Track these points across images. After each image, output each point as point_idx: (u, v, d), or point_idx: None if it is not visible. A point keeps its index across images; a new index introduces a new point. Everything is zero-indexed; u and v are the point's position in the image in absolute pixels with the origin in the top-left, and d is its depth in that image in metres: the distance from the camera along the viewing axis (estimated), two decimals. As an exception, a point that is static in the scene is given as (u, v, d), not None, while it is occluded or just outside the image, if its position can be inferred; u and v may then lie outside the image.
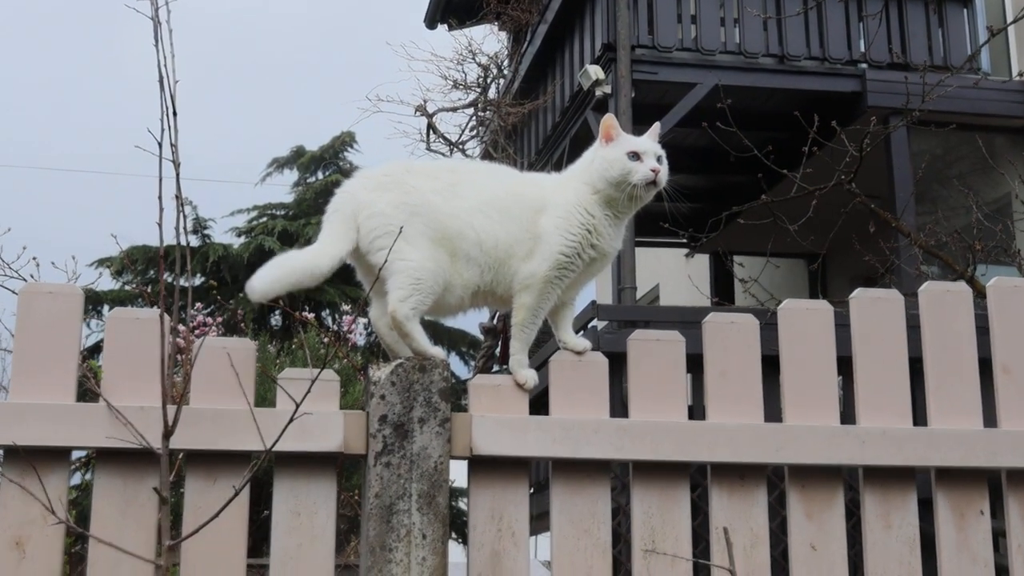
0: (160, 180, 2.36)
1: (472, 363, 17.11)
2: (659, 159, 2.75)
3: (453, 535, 11.71)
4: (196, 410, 2.45)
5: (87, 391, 2.59)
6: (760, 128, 8.83)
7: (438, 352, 2.59)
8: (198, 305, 11.95)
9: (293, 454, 2.47)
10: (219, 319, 11.95)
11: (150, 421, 2.39)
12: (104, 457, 2.45)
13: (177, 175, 2.38)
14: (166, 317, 2.45)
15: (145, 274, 16.76)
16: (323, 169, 19.87)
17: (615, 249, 2.79)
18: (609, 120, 2.76)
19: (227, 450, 2.45)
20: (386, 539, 2.40)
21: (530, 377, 2.64)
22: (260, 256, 17.30)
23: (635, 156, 2.71)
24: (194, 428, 2.42)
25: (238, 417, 2.44)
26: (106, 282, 17.47)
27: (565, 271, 2.69)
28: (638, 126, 8.64)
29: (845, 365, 2.76)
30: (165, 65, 2.32)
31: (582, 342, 2.70)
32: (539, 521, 5.19)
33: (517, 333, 2.69)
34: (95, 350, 14.00)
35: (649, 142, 2.77)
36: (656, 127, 2.84)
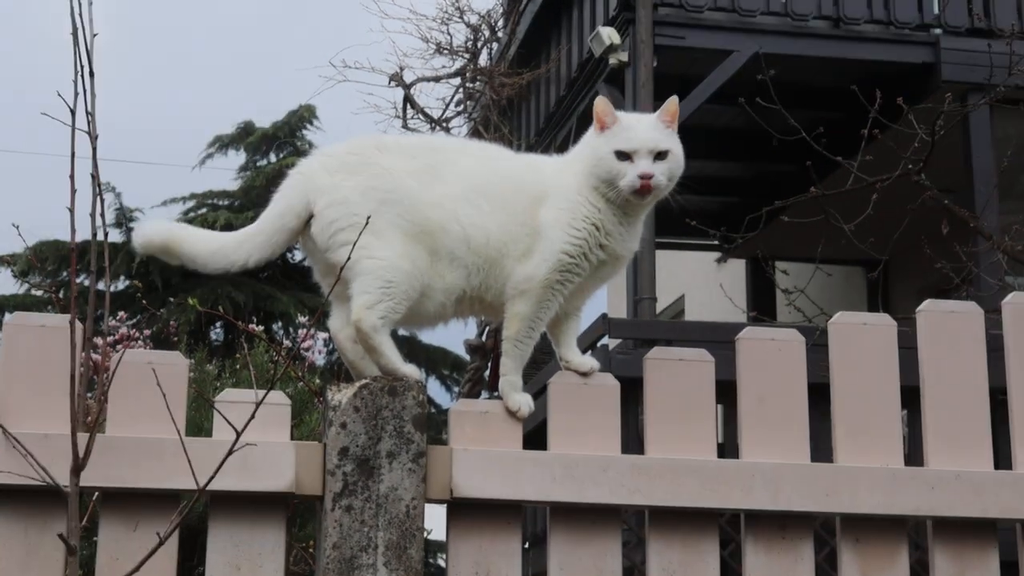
0: (72, 156, 2.36)
1: (455, 389, 17.12)
2: (662, 155, 2.70)
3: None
4: (114, 439, 2.44)
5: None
6: (809, 106, 8.85)
7: (412, 371, 2.58)
8: (121, 314, 11.93)
9: (233, 494, 2.45)
10: (147, 332, 11.93)
11: (56, 452, 2.37)
12: (0, 496, 2.42)
13: (94, 149, 2.37)
14: (78, 325, 2.43)
15: (56, 275, 16.73)
16: (276, 150, 19.85)
17: (629, 251, 2.78)
18: (601, 105, 2.74)
19: (151, 488, 2.43)
20: (345, 600, 2.39)
21: (524, 403, 2.62)
22: (198, 256, 17.32)
23: (623, 156, 2.68)
24: (111, 461, 2.41)
25: (165, 448, 2.42)
26: (8, 284, 17.46)
27: (569, 274, 2.68)
28: (660, 102, 8.65)
29: (910, 396, 2.75)
30: (80, 13, 2.31)
31: (589, 362, 2.69)
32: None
33: (510, 349, 2.68)
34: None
35: (648, 132, 2.71)
36: (670, 106, 2.77)
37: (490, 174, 2.72)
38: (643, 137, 2.69)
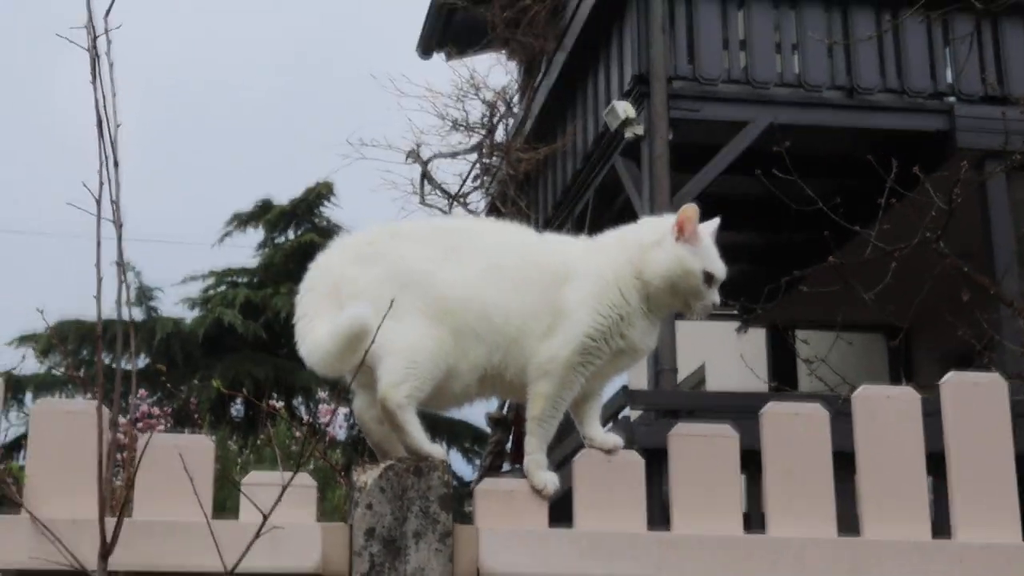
0: (98, 244, 2.38)
1: (477, 461, 17.07)
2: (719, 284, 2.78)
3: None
4: (141, 523, 2.45)
5: (5, 499, 2.59)
6: (826, 175, 8.87)
7: (437, 450, 2.58)
8: (142, 392, 11.98)
9: (261, 575, 2.45)
10: (168, 409, 11.96)
11: (84, 536, 2.38)
12: (29, 581, 2.43)
13: (119, 237, 2.40)
14: (104, 409, 2.45)
15: (77, 354, 16.81)
16: (295, 227, 19.97)
17: (648, 347, 2.81)
18: (691, 212, 2.75)
19: (179, 571, 2.44)
20: None
21: (550, 481, 2.63)
22: (218, 332, 17.38)
23: (709, 279, 2.74)
24: (139, 544, 2.42)
25: (193, 531, 2.43)
26: (30, 365, 17.51)
27: (590, 356, 2.69)
28: (677, 173, 8.72)
29: (934, 463, 2.75)
30: (104, 106, 2.34)
31: (612, 438, 2.69)
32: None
33: (534, 428, 2.69)
34: (15, 447, 14.00)
35: (719, 257, 2.78)
36: (716, 223, 2.85)
37: (510, 252, 2.74)
38: (723, 268, 2.78)
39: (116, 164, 2.39)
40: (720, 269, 2.76)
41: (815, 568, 2.59)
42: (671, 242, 2.74)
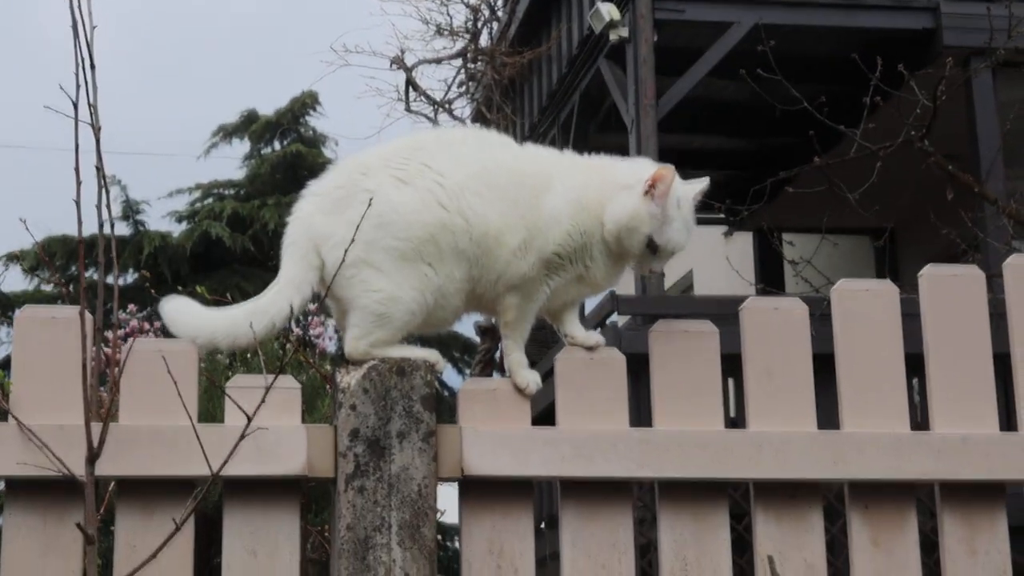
0: (76, 148, 2.37)
1: (467, 372, 17.15)
2: (672, 255, 2.71)
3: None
4: (127, 428, 2.47)
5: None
6: (811, 77, 8.83)
7: (427, 353, 2.59)
8: (131, 307, 11.95)
9: (246, 479, 2.48)
10: (157, 324, 11.95)
11: (71, 443, 2.39)
12: (16, 489, 2.46)
13: (97, 141, 2.40)
14: (87, 315, 2.46)
15: (66, 270, 16.78)
16: (280, 138, 19.88)
17: (609, 286, 2.81)
18: (668, 173, 2.65)
19: (166, 476, 2.46)
20: (361, 580, 2.41)
21: (532, 380, 2.65)
22: (206, 246, 17.37)
23: (653, 247, 2.66)
24: (125, 451, 2.44)
25: (178, 435, 2.45)
26: (18, 281, 17.50)
27: (556, 270, 2.69)
28: (662, 77, 8.68)
29: (920, 365, 2.77)
30: (80, 7, 2.32)
31: (594, 336, 2.70)
32: (551, 564, 5.20)
33: (509, 332, 2.71)
34: (7, 365, 14.02)
35: (683, 229, 2.68)
36: (704, 184, 2.76)
37: (490, 161, 2.70)
38: (680, 241, 2.68)
39: (92, 66, 2.38)
40: (674, 242, 2.66)
41: (795, 462, 2.62)
42: (638, 192, 2.65)
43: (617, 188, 2.69)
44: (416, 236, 2.59)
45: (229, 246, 17.26)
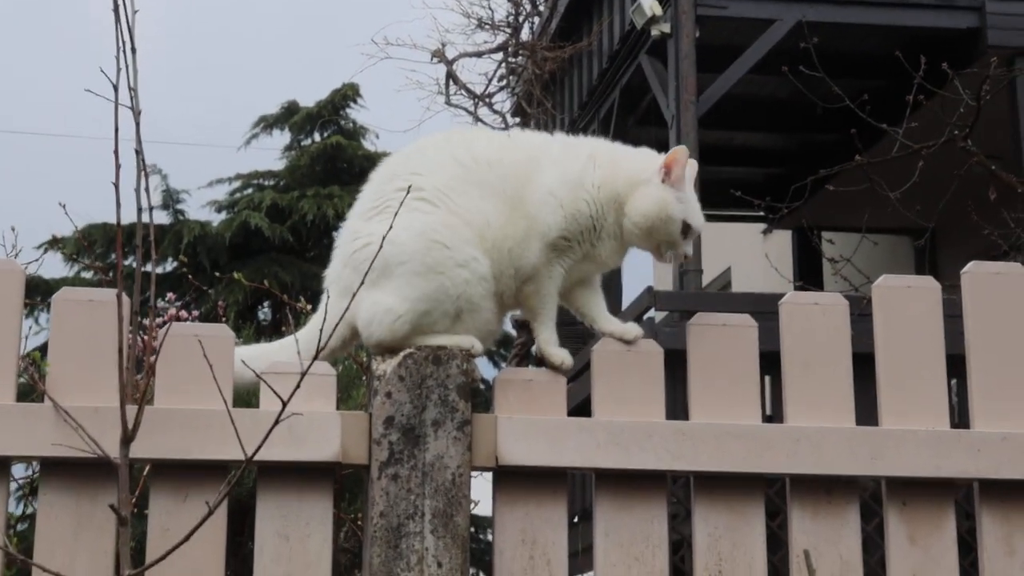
0: (116, 131, 2.37)
1: (503, 365, 17.15)
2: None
3: (474, 572, 11.73)
4: (162, 411, 2.46)
5: (30, 390, 2.61)
6: (853, 74, 8.79)
7: (462, 339, 2.58)
8: (170, 295, 12.01)
9: (280, 464, 2.48)
10: (195, 312, 12.00)
11: (106, 425, 2.39)
12: (51, 469, 2.46)
13: (137, 124, 2.39)
14: (124, 298, 2.45)
15: (105, 258, 16.84)
16: (320, 129, 19.88)
17: (614, 264, 2.80)
18: (680, 155, 2.68)
19: (200, 460, 2.46)
20: (393, 568, 2.41)
21: (567, 357, 2.64)
22: (245, 236, 17.40)
23: (687, 230, 2.69)
24: (160, 433, 2.43)
25: (213, 419, 2.45)
26: (58, 268, 17.58)
27: (564, 252, 2.68)
28: (703, 73, 8.65)
29: (959, 365, 2.74)
30: (121, -11, 2.32)
31: (632, 328, 2.69)
32: (582, 557, 5.18)
33: (534, 316, 2.71)
34: (46, 351, 14.08)
35: (699, 207, 2.73)
36: (694, 167, 2.76)
37: (467, 159, 2.68)
38: (703, 221, 2.74)
39: (134, 50, 2.37)
40: (700, 221, 2.71)
41: (833, 457, 2.59)
42: (657, 183, 2.67)
43: (633, 185, 2.69)
44: (428, 265, 2.57)
45: (268, 236, 17.27)
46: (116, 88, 2.36)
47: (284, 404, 2.34)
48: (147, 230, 2.41)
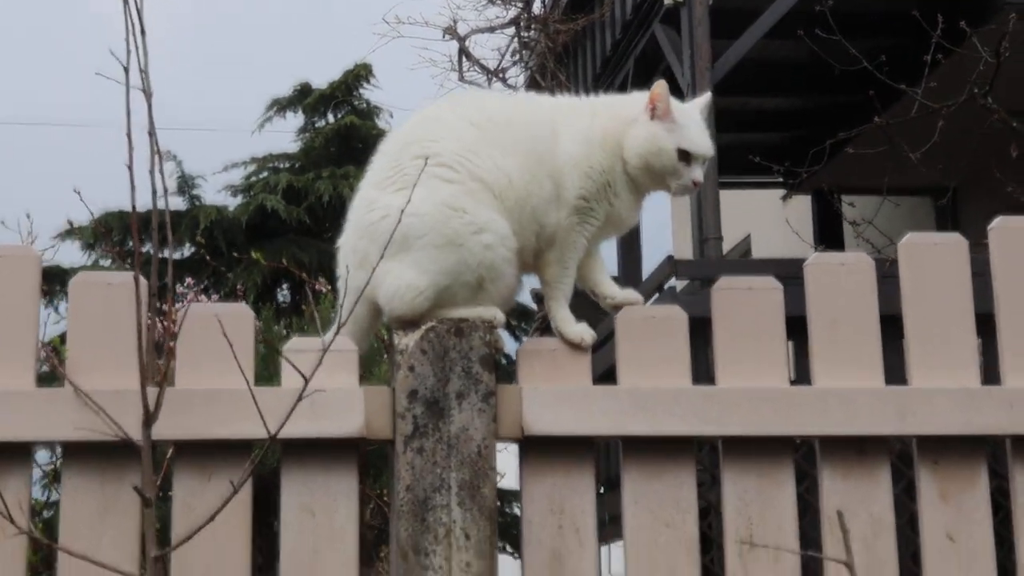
0: (128, 113, 2.35)
1: (524, 338, 17.15)
2: (704, 162, 2.74)
3: (502, 544, 11.75)
4: (183, 391, 2.46)
5: (50, 375, 2.60)
6: (870, 35, 8.70)
7: (483, 310, 2.56)
8: (188, 280, 12.04)
9: (304, 440, 2.47)
10: (215, 296, 12.03)
11: (128, 407, 2.39)
12: (74, 452, 2.46)
13: (149, 106, 2.37)
14: (142, 280, 2.44)
15: (123, 246, 16.86)
16: (334, 110, 19.88)
17: (632, 222, 2.80)
18: (660, 88, 2.71)
19: (223, 438, 2.46)
20: (421, 541, 2.40)
21: (586, 332, 2.63)
22: (261, 218, 17.42)
23: (685, 157, 2.69)
24: (182, 413, 2.43)
25: (235, 398, 2.44)
26: (75, 255, 17.61)
27: (587, 216, 2.69)
28: (718, 39, 8.59)
29: (984, 324, 2.72)
30: (127, -30, 2.30)
31: (633, 293, 2.70)
32: (610, 526, 5.17)
33: (551, 291, 2.69)
34: (65, 340, 14.11)
35: (707, 138, 2.75)
36: (707, 99, 2.83)
37: (482, 119, 2.68)
38: (707, 144, 2.73)
39: (143, 32, 2.35)
40: (700, 145, 2.71)
41: (863, 417, 2.57)
42: (645, 120, 2.70)
43: (625, 123, 2.72)
44: (447, 236, 2.55)
45: (284, 218, 17.29)
46: (127, 70, 2.34)
47: (307, 380, 2.33)
48: (163, 213, 2.40)
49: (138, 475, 2.35)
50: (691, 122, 2.73)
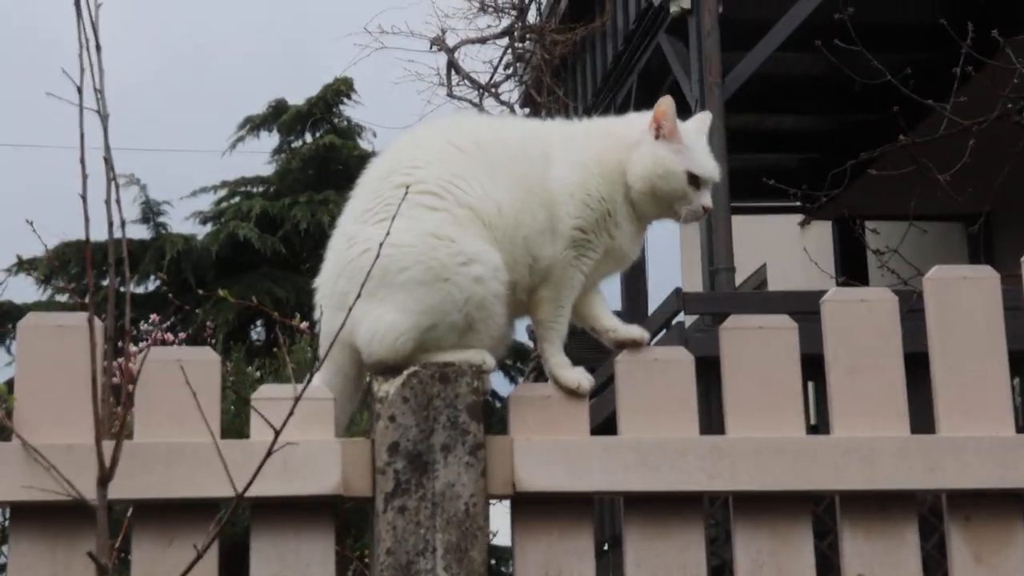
0: (81, 137, 2.35)
1: (519, 380, 17.12)
2: (711, 186, 2.77)
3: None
4: (143, 445, 2.45)
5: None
6: (894, 46, 8.74)
7: (472, 354, 2.56)
8: (154, 317, 12.01)
9: (275, 500, 2.45)
10: (182, 335, 12.00)
11: (82, 464, 2.37)
12: (22, 514, 2.44)
13: (105, 130, 2.37)
14: (97, 322, 2.43)
15: (81, 279, 16.87)
16: (312, 129, 19.91)
17: (633, 255, 2.81)
18: (666, 106, 2.72)
19: (186, 498, 2.44)
20: (403, 610, 2.39)
21: (583, 377, 2.62)
22: (233, 248, 17.43)
23: (695, 181, 2.71)
24: (141, 471, 2.42)
25: (199, 453, 2.43)
26: (30, 291, 17.61)
27: (584, 250, 2.69)
28: (728, 52, 8.62)
29: (1017, 363, 2.72)
30: (80, -18, 2.30)
31: (637, 329, 2.69)
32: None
33: (545, 333, 2.69)
34: (12, 389, 14.07)
35: (713, 161, 2.77)
36: (708, 117, 2.85)
37: (466, 143, 2.69)
38: (714, 167, 2.76)
39: (98, 47, 2.36)
40: (708, 168, 2.73)
41: (886, 470, 2.57)
42: (649, 141, 2.71)
43: (625, 146, 2.73)
44: (435, 272, 2.54)
45: (258, 248, 17.29)
46: (80, 90, 2.34)
47: (277, 433, 2.32)
48: (120, 246, 2.39)
49: (92, 539, 2.34)
50: (700, 146, 2.75)
